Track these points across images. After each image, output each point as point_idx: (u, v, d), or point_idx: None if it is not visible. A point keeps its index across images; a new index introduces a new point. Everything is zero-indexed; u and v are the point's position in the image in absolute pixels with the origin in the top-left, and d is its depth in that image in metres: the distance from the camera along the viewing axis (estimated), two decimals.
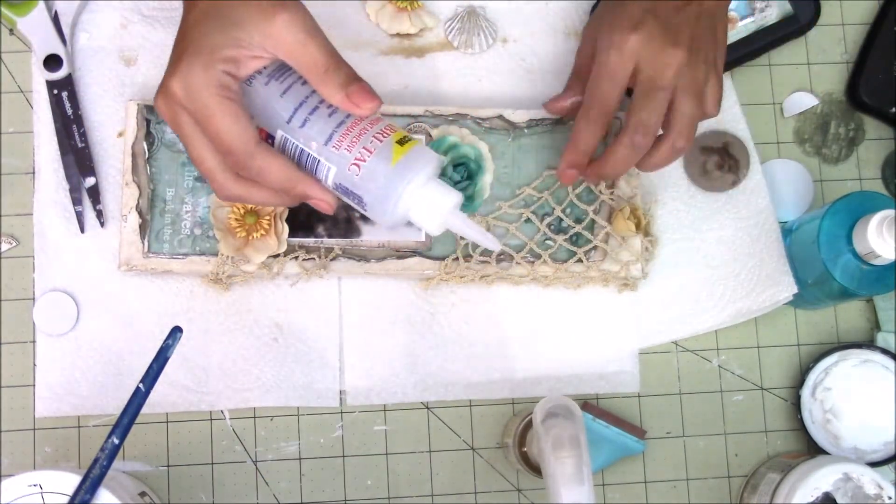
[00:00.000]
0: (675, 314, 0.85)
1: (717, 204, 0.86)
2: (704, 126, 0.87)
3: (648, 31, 0.71)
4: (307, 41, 0.66)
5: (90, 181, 0.82)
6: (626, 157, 0.74)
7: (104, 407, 0.81)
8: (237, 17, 0.66)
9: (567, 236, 0.83)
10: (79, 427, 0.81)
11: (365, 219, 0.82)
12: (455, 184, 0.81)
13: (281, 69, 0.69)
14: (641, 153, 0.74)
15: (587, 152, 0.76)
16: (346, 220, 0.82)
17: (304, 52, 0.66)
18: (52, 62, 0.83)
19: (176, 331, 0.71)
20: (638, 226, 0.82)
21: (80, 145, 0.83)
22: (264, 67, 0.68)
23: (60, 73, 0.83)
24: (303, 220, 0.81)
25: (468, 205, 0.82)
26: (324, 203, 0.69)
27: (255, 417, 0.82)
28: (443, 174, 0.81)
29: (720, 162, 0.86)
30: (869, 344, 0.84)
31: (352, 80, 0.67)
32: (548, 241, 0.83)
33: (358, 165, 0.68)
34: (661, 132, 0.74)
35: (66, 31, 0.83)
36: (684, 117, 0.73)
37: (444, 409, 0.83)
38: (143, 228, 0.81)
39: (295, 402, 0.82)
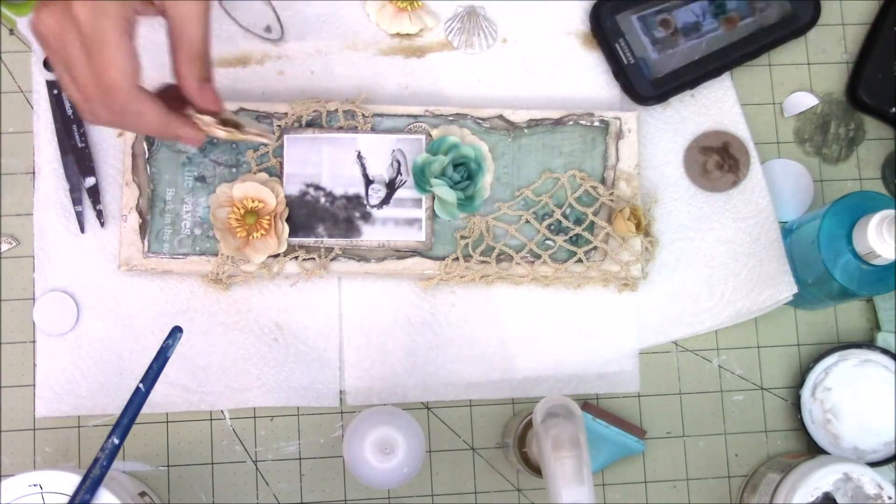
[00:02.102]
0: (675, 314, 0.85)
1: (717, 204, 0.86)
2: (704, 126, 0.87)
3: None
4: (203, 20, 0.66)
5: (90, 181, 0.82)
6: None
7: (104, 407, 0.81)
8: None
9: (567, 237, 0.83)
10: (79, 427, 0.81)
11: (365, 219, 0.82)
12: (455, 183, 0.81)
13: None
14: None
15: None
16: (346, 220, 0.82)
17: (195, 27, 0.66)
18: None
19: (176, 331, 0.71)
20: (638, 226, 0.82)
21: (80, 145, 0.83)
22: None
23: None
24: (303, 220, 0.81)
25: (468, 204, 0.82)
26: (194, 141, 0.69)
27: (255, 417, 0.82)
28: (443, 174, 0.81)
29: (720, 162, 0.86)
30: (869, 344, 0.85)
31: (209, 77, 0.68)
32: (548, 242, 0.83)
33: None
34: None
35: None
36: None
37: (444, 409, 0.83)
38: (143, 228, 0.81)
39: (295, 402, 0.82)
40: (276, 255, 0.81)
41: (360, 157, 0.82)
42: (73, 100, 0.67)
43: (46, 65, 0.83)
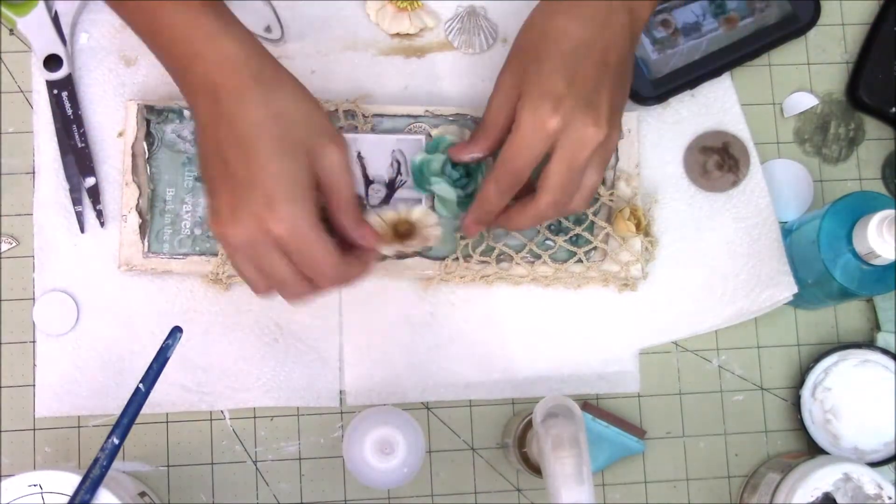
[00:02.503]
0: (675, 314, 0.85)
1: (717, 204, 0.86)
2: (704, 126, 0.87)
3: (570, 111, 0.70)
4: (349, 173, 0.70)
5: (90, 181, 0.82)
6: (531, 220, 0.75)
7: (104, 407, 0.81)
8: (308, 140, 0.68)
9: (567, 237, 0.83)
10: (79, 427, 0.81)
11: None
12: (454, 181, 0.81)
13: None
14: (546, 220, 0.77)
15: (493, 213, 0.76)
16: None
17: (346, 182, 0.70)
18: (52, 62, 0.83)
19: (176, 331, 0.71)
20: (638, 226, 0.82)
21: (80, 145, 0.83)
22: None
23: (60, 73, 0.83)
24: None
25: (468, 202, 0.82)
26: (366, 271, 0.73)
27: (255, 417, 0.82)
28: (441, 172, 0.81)
29: (720, 162, 0.86)
30: (869, 344, 0.84)
31: (361, 218, 0.72)
32: (548, 242, 0.83)
33: None
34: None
35: (66, 31, 0.83)
36: (588, 187, 0.74)
37: (444, 409, 0.83)
38: (143, 228, 0.81)
39: (295, 402, 0.82)
40: None
41: (359, 157, 0.82)
42: (277, 287, 0.70)
43: (46, 64, 0.83)
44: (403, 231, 0.76)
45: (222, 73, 0.67)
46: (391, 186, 0.82)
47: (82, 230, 0.82)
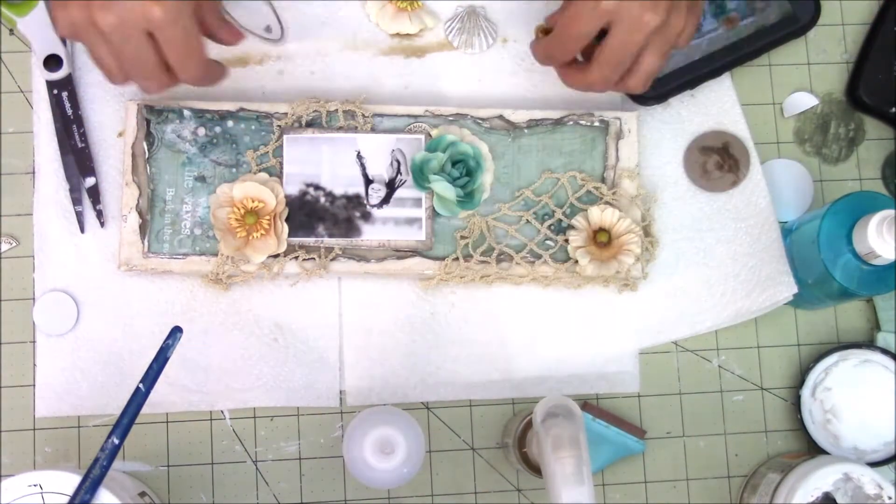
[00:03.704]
0: (675, 314, 0.85)
1: (717, 204, 0.86)
2: (704, 126, 0.87)
3: None
4: None
5: (90, 181, 0.82)
6: (581, 85, 0.77)
7: (104, 407, 0.81)
8: None
9: (567, 237, 0.83)
10: (79, 427, 0.81)
11: (365, 218, 0.82)
12: (454, 180, 0.81)
13: None
14: (597, 90, 0.77)
15: (552, 58, 0.78)
16: (346, 220, 0.82)
17: None
18: (52, 62, 0.83)
19: (176, 331, 0.71)
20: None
21: (80, 145, 0.83)
22: None
23: (60, 73, 0.83)
24: (303, 220, 0.81)
25: (468, 202, 0.82)
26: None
27: (255, 417, 0.82)
28: (441, 171, 0.81)
29: (720, 162, 0.86)
30: (869, 344, 0.84)
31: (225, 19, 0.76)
32: (548, 242, 0.83)
33: None
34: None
35: None
36: (644, 72, 0.74)
37: (444, 409, 0.83)
38: (143, 228, 0.81)
39: (295, 402, 0.82)
40: (276, 255, 0.81)
41: (359, 156, 0.82)
42: (134, 78, 0.72)
43: (46, 64, 0.83)
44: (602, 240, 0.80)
45: None
46: (391, 186, 0.82)
47: (82, 230, 0.82)
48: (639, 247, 0.82)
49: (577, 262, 0.82)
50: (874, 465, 0.82)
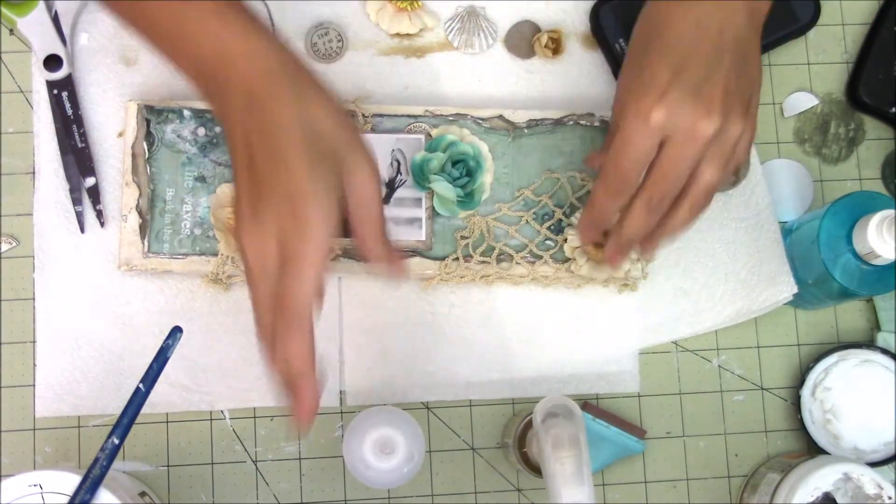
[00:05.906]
0: (675, 314, 0.85)
1: (717, 204, 0.86)
2: None
3: (676, 100, 0.66)
4: (379, 191, 0.67)
5: (90, 181, 0.82)
6: (642, 220, 0.70)
7: (104, 407, 0.81)
8: (340, 148, 0.64)
9: (566, 236, 0.83)
10: (79, 427, 0.81)
11: None
12: (454, 180, 0.81)
13: None
14: (657, 218, 0.71)
15: (603, 217, 0.73)
16: (346, 221, 0.82)
17: (376, 200, 0.67)
18: (52, 62, 0.83)
19: (176, 331, 0.71)
20: (556, 51, 0.82)
21: (80, 145, 0.83)
22: None
23: (60, 73, 0.83)
24: None
25: (468, 202, 0.82)
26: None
27: (255, 417, 0.82)
28: (441, 171, 0.81)
29: None
30: (869, 344, 0.84)
31: (387, 239, 0.69)
32: (548, 242, 0.83)
33: None
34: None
35: (66, 31, 0.83)
36: (704, 186, 0.69)
37: (444, 409, 0.83)
38: (143, 228, 0.81)
39: None
40: None
41: None
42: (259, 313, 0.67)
43: (46, 64, 0.83)
44: None
45: (259, 75, 0.64)
46: (391, 186, 0.82)
47: (82, 230, 0.82)
48: None
49: (575, 261, 0.82)
50: (874, 465, 0.82)
